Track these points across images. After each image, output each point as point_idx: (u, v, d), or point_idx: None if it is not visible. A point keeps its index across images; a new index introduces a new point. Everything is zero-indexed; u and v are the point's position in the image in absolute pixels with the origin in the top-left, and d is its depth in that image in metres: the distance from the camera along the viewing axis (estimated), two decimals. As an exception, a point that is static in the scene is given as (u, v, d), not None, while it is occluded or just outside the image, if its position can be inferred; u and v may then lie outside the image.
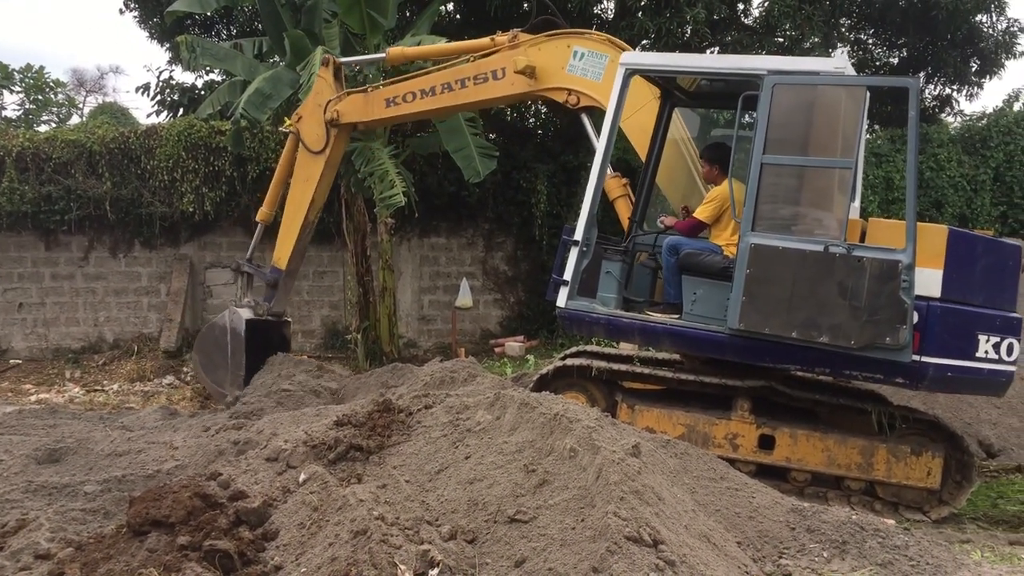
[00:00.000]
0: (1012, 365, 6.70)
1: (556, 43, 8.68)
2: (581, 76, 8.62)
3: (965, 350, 6.54)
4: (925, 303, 6.41)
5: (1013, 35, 18.26)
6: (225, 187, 15.73)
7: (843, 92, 6.83)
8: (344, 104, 9.88)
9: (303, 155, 10.29)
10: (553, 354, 13.07)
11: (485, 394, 5.88)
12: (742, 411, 7.35)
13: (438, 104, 9.44)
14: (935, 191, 17.75)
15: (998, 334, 6.60)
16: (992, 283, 6.72)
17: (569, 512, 4.20)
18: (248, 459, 5.38)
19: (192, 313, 16.19)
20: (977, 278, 6.66)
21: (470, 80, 9.09)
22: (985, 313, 6.64)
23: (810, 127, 7.01)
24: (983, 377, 6.63)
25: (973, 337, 6.56)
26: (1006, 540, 6.43)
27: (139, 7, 18.14)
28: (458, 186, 15.83)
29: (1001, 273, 6.79)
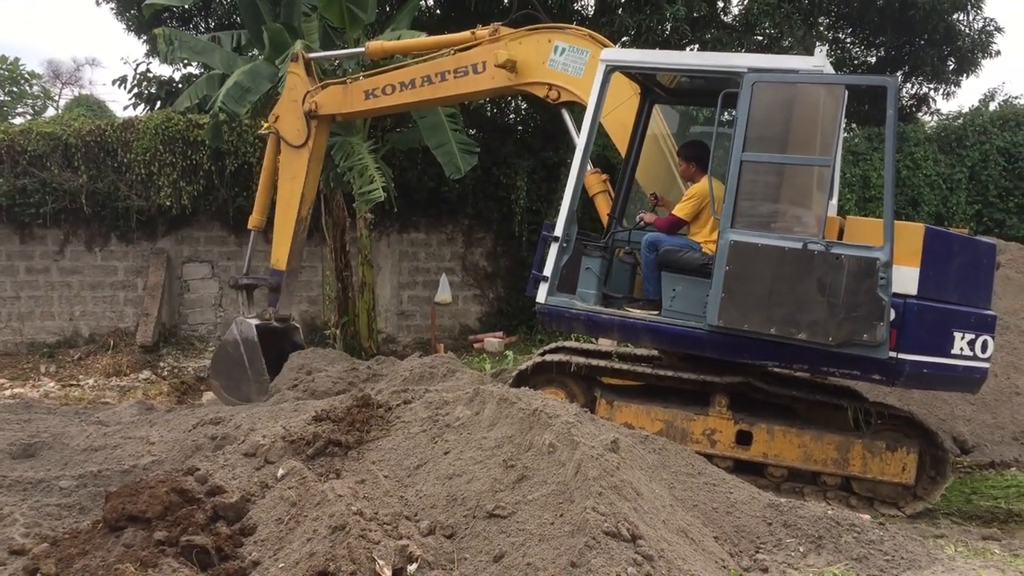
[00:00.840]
0: (986, 362, 6.78)
1: (537, 37, 8.67)
2: (562, 71, 8.61)
3: (941, 347, 6.61)
4: (902, 300, 6.46)
5: (989, 34, 18.45)
6: (203, 181, 15.62)
7: (822, 90, 6.87)
8: (323, 95, 9.83)
9: (286, 152, 10.19)
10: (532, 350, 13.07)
11: (464, 390, 5.88)
12: (720, 407, 7.38)
13: (417, 97, 9.39)
14: (912, 189, 17.91)
15: (973, 331, 6.67)
16: (967, 281, 6.79)
17: (548, 507, 4.21)
18: (226, 454, 5.34)
19: (169, 308, 16.09)
20: (953, 276, 6.72)
21: (450, 73, 9.06)
22: (960, 311, 6.70)
23: (789, 125, 7.05)
24: (958, 374, 6.70)
25: (949, 334, 6.62)
26: (979, 535, 6.50)
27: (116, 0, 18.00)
28: (438, 181, 15.80)
29: (976, 271, 6.86)
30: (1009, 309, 10.46)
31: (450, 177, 13.32)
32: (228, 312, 16.43)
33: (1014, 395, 9.44)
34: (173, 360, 15.01)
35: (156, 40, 13.40)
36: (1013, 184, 18.48)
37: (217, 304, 16.48)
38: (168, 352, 15.33)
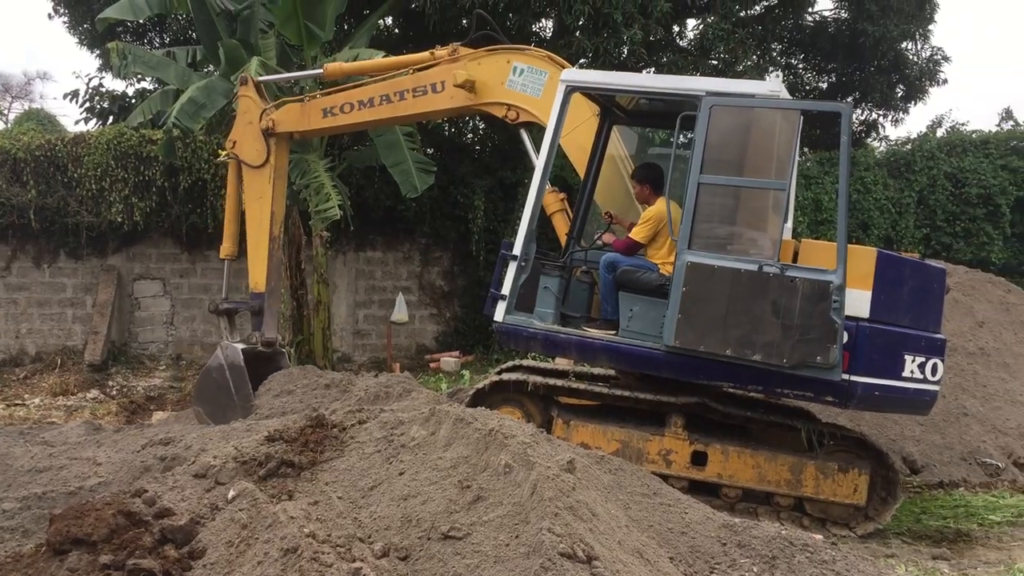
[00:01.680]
0: (936, 385, 6.88)
1: (496, 58, 8.70)
2: (520, 92, 8.64)
3: (892, 370, 6.71)
4: (855, 323, 6.56)
5: (937, 63, 18.90)
6: (156, 197, 15.41)
7: (778, 115, 6.98)
8: (280, 113, 9.76)
9: (249, 174, 10.02)
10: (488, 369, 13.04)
11: (420, 409, 5.83)
12: (675, 427, 7.42)
13: (376, 116, 9.36)
14: (862, 213, 18.23)
15: (923, 354, 6.77)
16: (918, 305, 6.91)
17: (503, 528, 4.17)
18: (175, 475, 5.23)
19: (119, 325, 15.80)
20: (904, 300, 6.84)
21: (409, 92, 9.04)
22: (911, 334, 6.81)
23: (746, 148, 7.15)
24: (909, 396, 6.80)
25: (900, 357, 6.72)
26: (929, 555, 6.60)
27: (69, 12, 17.74)
28: (395, 200, 15.75)
29: (927, 295, 6.98)
30: (956, 331, 10.65)
31: (406, 196, 13.29)
32: (179, 330, 16.21)
33: (962, 416, 9.61)
34: (122, 379, 14.73)
35: (109, 54, 13.23)
36: (960, 209, 18.90)
37: (169, 322, 16.23)
38: (117, 371, 15.05)
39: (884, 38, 17.32)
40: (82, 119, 16.88)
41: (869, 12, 17.28)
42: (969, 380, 10.11)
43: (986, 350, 10.58)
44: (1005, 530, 7.38)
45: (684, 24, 18.85)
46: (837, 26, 18.87)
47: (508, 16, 14.30)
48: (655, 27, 14.93)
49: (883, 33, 17.18)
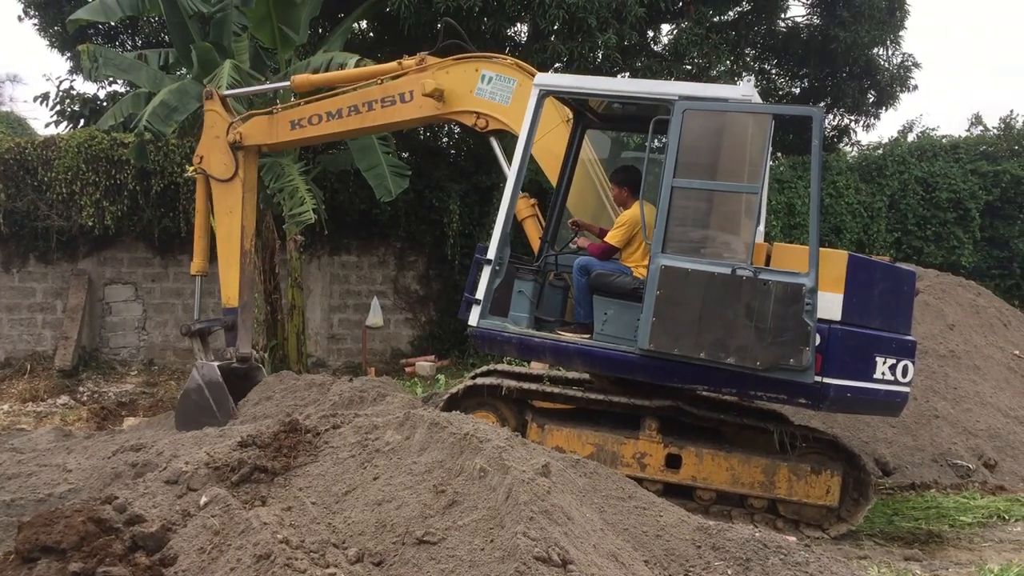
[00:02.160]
0: (907, 387, 6.97)
1: (464, 67, 8.70)
2: (489, 99, 8.65)
3: (864, 372, 6.77)
4: (827, 326, 6.60)
5: (907, 69, 19.10)
6: (127, 201, 15.26)
7: (750, 119, 7.03)
8: (247, 126, 9.67)
9: (217, 189, 9.94)
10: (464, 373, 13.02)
11: (394, 414, 5.81)
12: (650, 431, 7.44)
13: (345, 127, 9.31)
14: (834, 217, 18.37)
15: (894, 356, 6.85)
16: (889, 307, 6.99)
17: (478, 533, 4.16)
18: (146, 482, 5.18)
19: (90, 330, 15.63)
20: (875, 302, 6.91)
21: (377, 103, 9.01)
22: (882, 336, 6.89)
23: (718, 152, 7.18)
24: (880, 398, 6.87)
25: (871, 359, 6.79)
26: (901, 556, 6.66)
27: (39, 14, 17.54)
28: (369, 204, 15.69)
29: (897, 297, 7.05)
30: (927, 334, 10.76)
31: (381, 200, 13.24)
32: (151, 335, 16.06)
33: (933, 418, 9.71)
34: (93, 385, 14.57)
35: (80, 57, 13.10)
36: (930, 213, 19.11)
37: (140, 327, 16.08)
38: (88, 376, 14.88)
39: (855, 44, 17.48)
40: (52, 122, 16.73)
41: (841, 18, 17.45)
42: (940, 382, 10.21)
43: (956, 352, 10.70)
44: (976, 531, 7.46)
45: (658, 29, 18.95)
46: (809, 32, 19.04)
47: (483, 20, 14.30)
48: (629, 32, 14.99)
49: (854, 39, 17.34)
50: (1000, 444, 9.61)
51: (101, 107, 16.25)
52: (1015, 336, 11.82)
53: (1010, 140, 20.65)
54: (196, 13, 12.71)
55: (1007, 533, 7.42)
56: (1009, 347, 11.45)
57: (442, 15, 14.01)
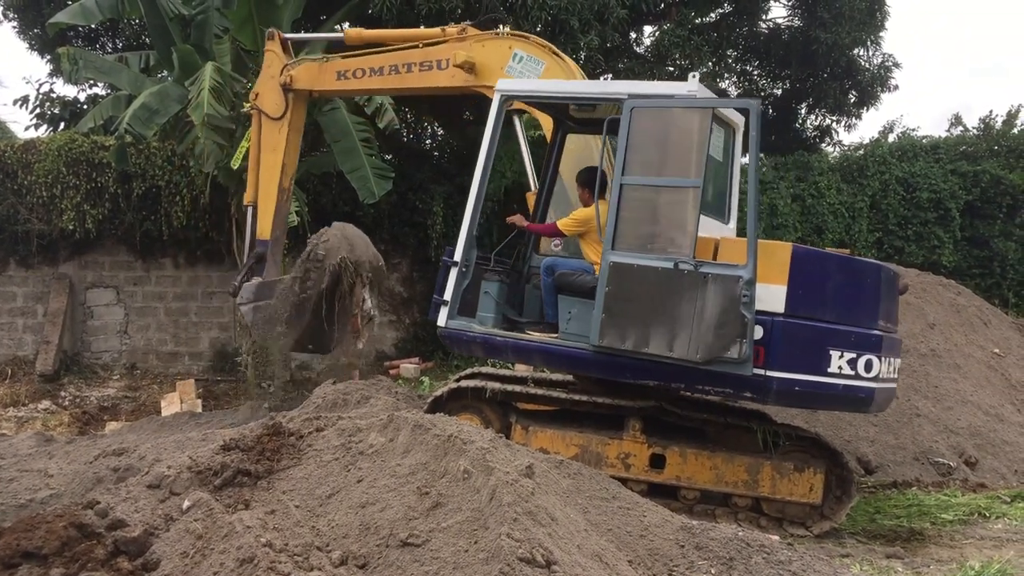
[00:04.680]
0: (874, 381, 6.84)
1: (499, 43, 8.74)
2: (517, 79, 8.70)
3: (815, 365, 6.68)
4: (770, 318, 6.58)
5: (888, 69, 19.23)
6: (108, 204, 15.16)
7: (693, 114, 7.03)
8: (298, 70, 9.84)
9: (267, 125, 10.12)
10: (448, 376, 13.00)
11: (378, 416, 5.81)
12: (634, 431, 7.46)
13: (384, 84, 9.49)
14: (816, 217, 18.45)
15: (853, 350, 6.73)
16: (846, 299, 6.87)
17: (462, 534, 4.17)
18: (128, 486, 5.16)
19: (71, 335, 15.51)
20: (828, 294, 6.82)
21: (416, 66, 9.12)
22: (837, 329, 6.76)
23: (663, 148, 7.23)
24: (839, 393, 6.75)
25: (824, 352, 6.69)
26: (883, 554, 6.69)
27: (19, 17, 17.42)
28: (353, 206, 15.65)
29: (856, 290, 6.95)
30: (909, 333, 10.83)
31: (364, 202, 13.22)
32: (133, 339, 15.96)
33: (915, 416, 9.78)
34: (75, 389, 14.46)
35: (60, 59, 13.02)
36: (911, 213, 19.22)
37: (122, 331, 15.97)
38: (70, 381, 14.77)
39: (836, 45, 17.60)
40: (32, 125, 16.56)
41: (822, 19, 17.56)
42: (921, 381, 10.29)
43: (937, 351, 10.77)
44: (957, 528, 7.52)
45: (641, 31, 19.01)
46: (791, 33, 19.14)
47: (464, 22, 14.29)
48: (612, 33, 15.03)
49: (835, 40, 17.46)
50: (980, 442, 9.68)
51: (81, 110, 16.15)
52: (995, 335, 11.91)
53: (989, 140, 20.80)
54: (177, 15, 12.65)
55: (988, 530, 7.48)
56: (989, 345, 11.55)
57: (424, 17, 14.01)
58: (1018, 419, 10.17)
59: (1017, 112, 21.35)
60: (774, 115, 20.68)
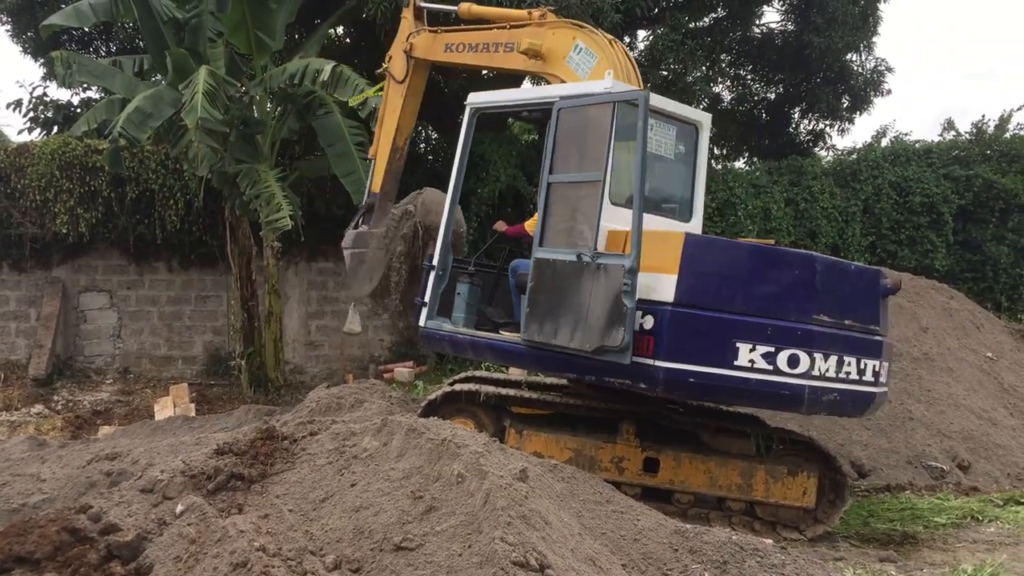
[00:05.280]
0: (804, 379, 6.50)
1: (565, 32, 8.76)
2: (574, 70, 8.74)
3: (718, 357, 6.46)
4: (660, 308, 6.48)
5: (880, 74, 19.25)
6: (102, 208, 15.14)
7: (596, 110, 7.06)
8: (418, 39, 10.02)
9: (390, 87, 10.36)
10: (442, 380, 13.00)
11: (372, 420, 5.81)
12: (628, 435, 7.46)
13: (476, 61, 9.60)
14: (809, 221, 18.49)
15: (770, 344, 6.47)
16: (760, 291, 6.61)
17: (456, 538, 4.17)
18: (121, 491, 5.15)
19: (64, 339, 15.48)
20: (733, 285, 6.60)
21: (501, 46, 9.20)
22: (747, 321, 6.50)
23: (578, 145, 7.33)
24: (752, 388, 6.48)
25: (729, 345, 6.48)
26: (876, 557, 6.71)
27: (12, 20, 17.37)
28: (347, 210, 15.60)
29: (773, 281, 6.67)
30: (901, 337, 10.86)
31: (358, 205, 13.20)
32: (127, 343, 15.93)
33: (907, 420, 9.80)
34: (68, 393, 14.42)
35: (53, 63, 13.01)
36: (904, 217, 19.27)
37: (116, 335, 15.94)
38: (63, 385, 14.74)
39: (829, 50, 17.63)
40: (25, 129, 16.54)
41: (815, 24, 17.58)
42: (914, 385, 10.31)
43: (930, 355, 10.81)
44: (950, 532, 7.53)
45: (635, 35, 19.02)
46: (784, 38, 19.17)
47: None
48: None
49: (828, 45, 17.48)
50: (973, 445, 9.71)
51: (75, 113, 16.13)
52: (987, 339, 11.95)
53: (982, 145, 20.87)
54: (171, 19, 12.65)
55: (980, 534, 7.50)
56: (982, 349, 11.58)
57: (418, 21, 14.00)
58: (1010, 423, 10.20)
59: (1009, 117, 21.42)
60: (768, 119, 20.73)
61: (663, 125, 7.60)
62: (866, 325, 6.88)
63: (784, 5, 19.21)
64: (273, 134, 13.61)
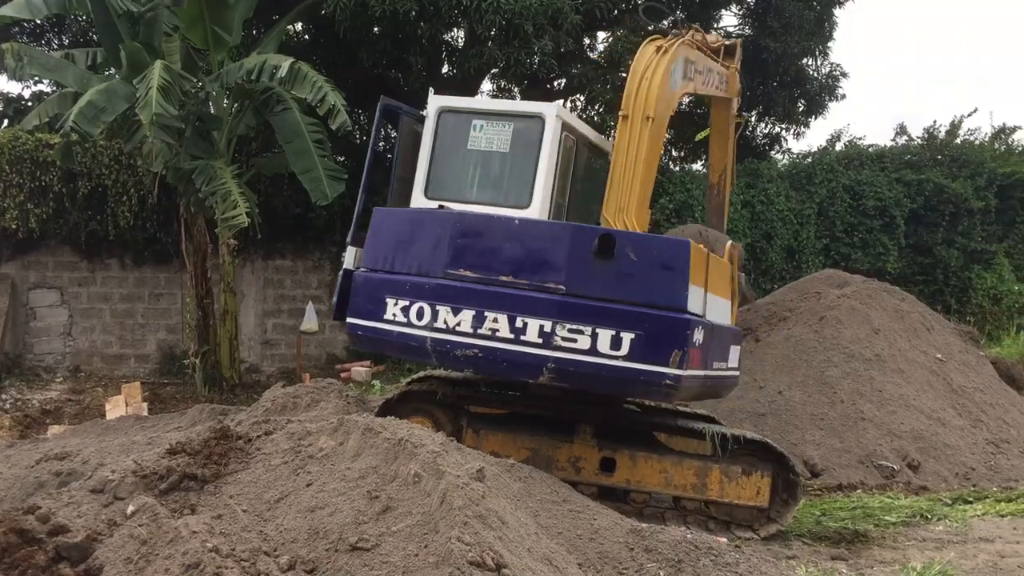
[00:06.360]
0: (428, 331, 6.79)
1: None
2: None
3: (374, 312, 7.16)
4: (353, 274, 7.51)
5: (836, 79, 19.55)
6: (53, 203, 14.86)
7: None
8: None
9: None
10: (400, 379, 12.95)
11: (328, 419, 5.76)
12: (585, 435, 7.48)
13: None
14: (765, 223, 18.71)
15: (407, 298, 6.94)
16: (406, 249, 7.19)
17: (412, 538, 4.15)
18: (71, 491, 5.05)
19: (13, 336, 15.17)
20: (392, 246, 7.28)
21: None
22: (391, 278, 7.14)
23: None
24: (395, 340, 7.04)
25: (382, 300, 7.09)
26: (828, 555, 6.80)
27: (-40, 11, 16.99)
28: (305, 208, 15.54)
29: (413, 239, 7.21)
30: (854, 338, 11.02)
31: (317, 203, 13.12)
32: (78, 341, 15.66)
33: (859, 420, 9.94)
34: (16, 392, 14.13)
35: (4, 56, 12.74)
36: (857, 220, 19.59)
37: (66, 333, 15.66)
38: (11, 383, 14.44)
39: (786, 54, 17.85)
40: (-26, 122, 16.23)
41: (772, 29, 17.80)
42: (866, 385, 10.46)
43: (882, 356, 10.96)
44: (900, 530, 7.66)
45: (594, 36, 19.10)
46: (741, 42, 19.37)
47: (419, 25, 14.28)
48: (565, 39, 15.09)
49: (785, 49, 17.71)
50: (923, 445, 9.88)
51: (26, 107, 15.87)
52: (938, 340, 12.16)
53: (933, 150, 21.30)
54: (125, 12, 12.44)
55: (929, 532, 7.64)
56: (932, 351, 11.78)
57: (378, 19, 13.95)
58: (959, 423, 10.39)
59: (960, 123, 21.88)
60: (725, 122, 20.91)
61: (496, 123, 7.70)
62: (541, 283, 6.66)
63: (742, 10, 19.43)
64: (230, 130, 13.46)
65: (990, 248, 21.03)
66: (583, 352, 6.39)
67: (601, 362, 6.37)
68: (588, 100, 18.13)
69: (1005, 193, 21.27)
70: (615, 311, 6.40)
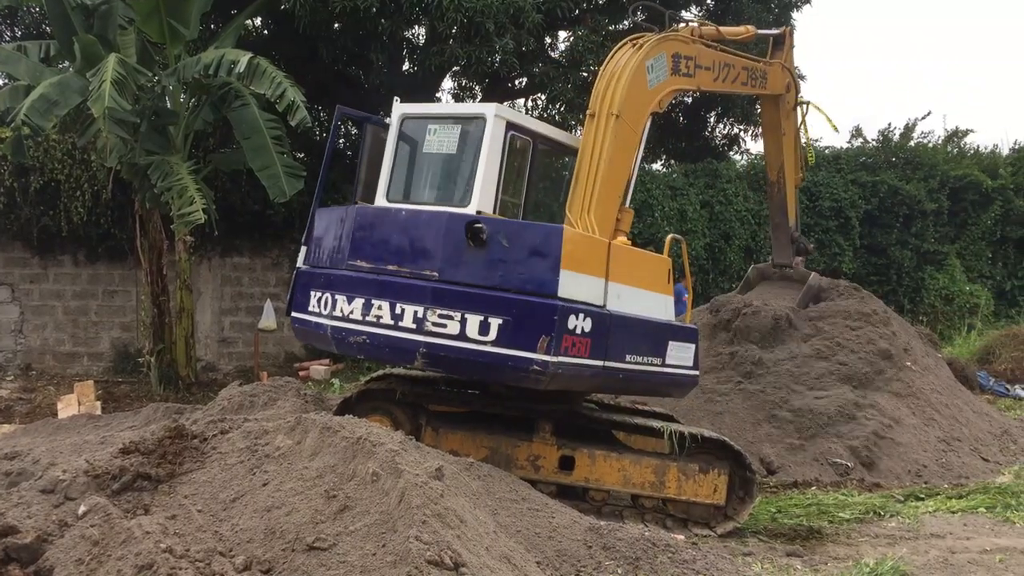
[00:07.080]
0: (329, 319, 7.27)
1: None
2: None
3: (303, 304, 7.67)
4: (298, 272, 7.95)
5: (793, 81, 19.74)
6: (4, 198, 14.59)
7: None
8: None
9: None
10: (359, 378, 12.88)
11: (286, 418, 5.71)
12: (544, 433, 7.49)
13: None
14: (724, 223, 18.88)
15: (323, 290, 7.43)
16: (327, 245, 7.69)
17: (370, 537, 4.13)
18: (21, 491, 4.96)
19: (-38, 334, 14.87)
20: (322, 243, 7.79)
21: None
22: (315, 272, 7.71)
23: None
24: (312, 329, 7.57)
25: (307, 293, 7.63)
26: (783, 552, 6.88)
27: (-91, 1, 16.59)
28: (263, 205, 15.38)
29: (329, 234, 7.70)
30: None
31: (275, 200, 12.99)
32: (29, 339, 15.38)
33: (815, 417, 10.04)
34: (-35, 391, 13.86)
35: (-48, 46, 12.48)
36: (814, 220, 19.83)
37: (17, 330, 15.38)
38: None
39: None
40: (-78, 114, 15.84)
41: (730, 30, 17.95)
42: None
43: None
44: (853, 527, 7.77)
45: (556, 36, 19.13)
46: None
47: (380, 22, 14.20)
48: (527, 38, 15.09)
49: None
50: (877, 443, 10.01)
51: (-25, 100, 15.47)
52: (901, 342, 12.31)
53: (888, 152, 21.63)
54: (80, 4, 12.24)
55: (882, 528, 7.76)
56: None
57: (338, 15, 13.84)
58: (913, 421, 10.55)
59: (914, 125, 22.24)
60: (685, 123, 21.07)
61: (446, 126, 7.74)
62: (418, 271, 6.90)
63: (701, 11, 19.56)
64: (186, 125, 13.28)
65: (942, 249, 21.42)
66: (452, 337, 6.54)
67: (470, 347, 6.48)
68: (549, 99, 18.15)
69: (957, 195, 21.68)
70: (484, 296, 6.54)
